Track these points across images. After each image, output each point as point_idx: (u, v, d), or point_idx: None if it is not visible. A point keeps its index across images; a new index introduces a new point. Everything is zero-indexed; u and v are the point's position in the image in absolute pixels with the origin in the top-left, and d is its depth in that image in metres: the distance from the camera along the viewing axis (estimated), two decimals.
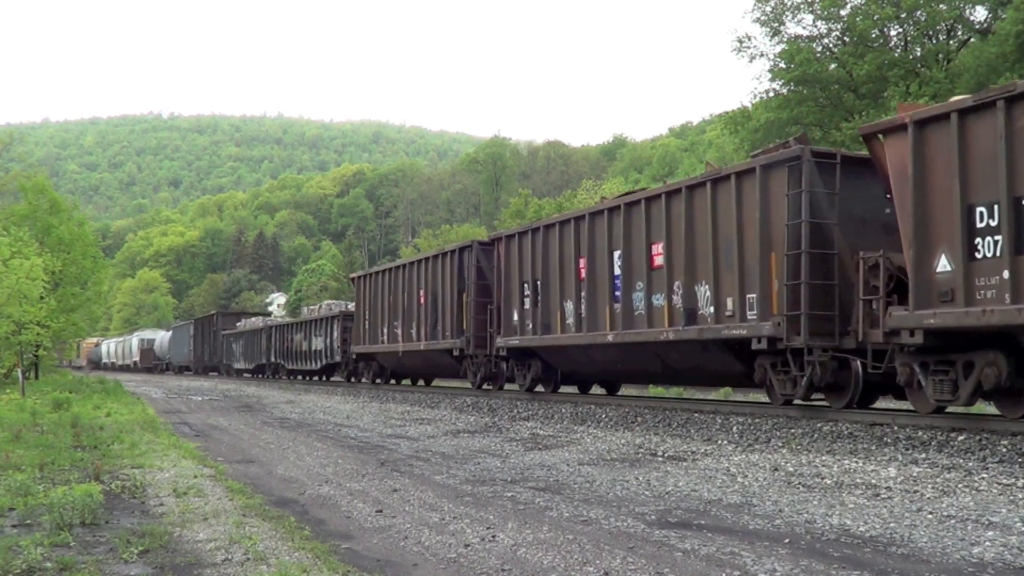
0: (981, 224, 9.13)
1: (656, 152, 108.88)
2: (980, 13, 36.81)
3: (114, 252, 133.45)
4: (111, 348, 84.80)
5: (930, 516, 6.59)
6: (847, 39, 37.95)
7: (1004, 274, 8.89)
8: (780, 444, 10.67)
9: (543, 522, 6.77)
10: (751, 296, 12.06)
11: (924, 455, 9.06)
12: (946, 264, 9.51)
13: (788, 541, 5.94)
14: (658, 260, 13.99)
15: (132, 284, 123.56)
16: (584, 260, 15.94)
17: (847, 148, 19.80)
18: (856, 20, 36.63)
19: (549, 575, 5.27)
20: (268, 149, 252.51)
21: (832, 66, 37.95)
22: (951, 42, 36.95)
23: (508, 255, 18.74)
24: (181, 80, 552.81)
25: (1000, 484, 7.58)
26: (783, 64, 38.01)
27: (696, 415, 13.10)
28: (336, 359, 32.24)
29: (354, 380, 30.96)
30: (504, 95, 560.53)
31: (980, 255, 9.14)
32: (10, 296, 24.63)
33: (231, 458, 11.56)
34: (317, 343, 34.25)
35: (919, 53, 36.96)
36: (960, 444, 9.16)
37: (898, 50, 37.32)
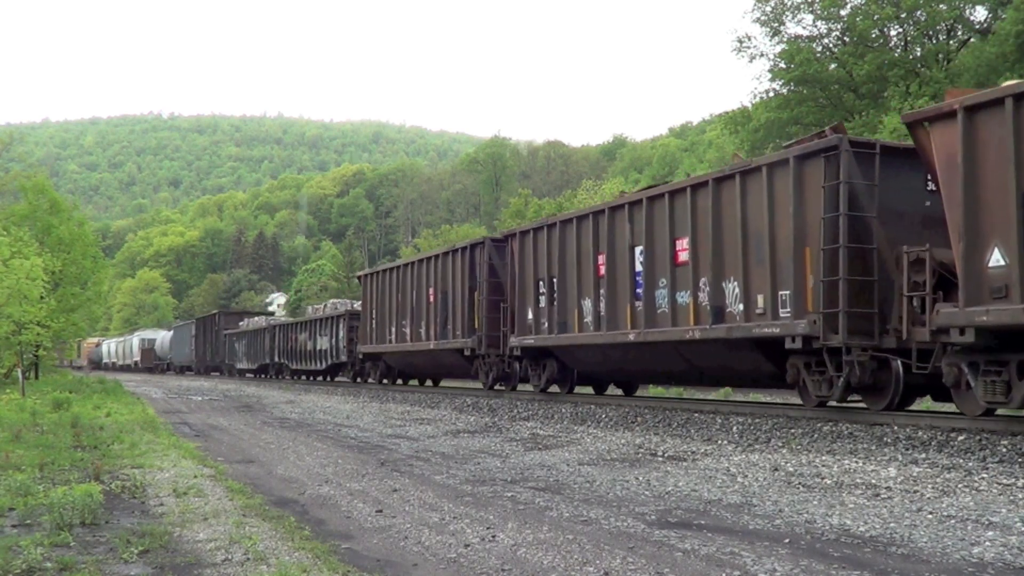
0: None
1: (656, 152, 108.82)
2: (980, 13, 36.89)
3: (114, 252, 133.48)
4: (112, 348, 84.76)
5: (930, 516, 6.59)
6: (847, 39, 37.98)
7: None
8: (780, 444, 10.67)
9: (543, 522, 6.77)
10: (784, 293, 11.58)
11: (924, 455, 9.06)
12: (999, 258, 8.92)
13: (788, 541, 5.94)
14: (683, 256, 13.51)
15: (132, 284, 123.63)
16: (603, 256, 15.47)
17: None
18: (856, 20, 36.67)
19: (549, 575, 5.28)
20: (268, 149, 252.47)
21: (832, 66, 37.99)
22: (951, 42, 36.97)
23: (522, 252, 18.25)
24: (181, 80, 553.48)
25: (1000, 484, 7.58)
26: (783, 64, 38.06)
27: (696, 415, 13.10)
28: (342, 359, 31.93)
29: (360, 380, 30.59)
30: (504, 95, 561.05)
31: None
32: (10, 296, 24.64)
33: (231, 458, 11.56)
34: (322, 343, 33.94)
35: (919, 53, 36.98)
36: (960, 444, 9.16)
37: (898, 50, 37.35)
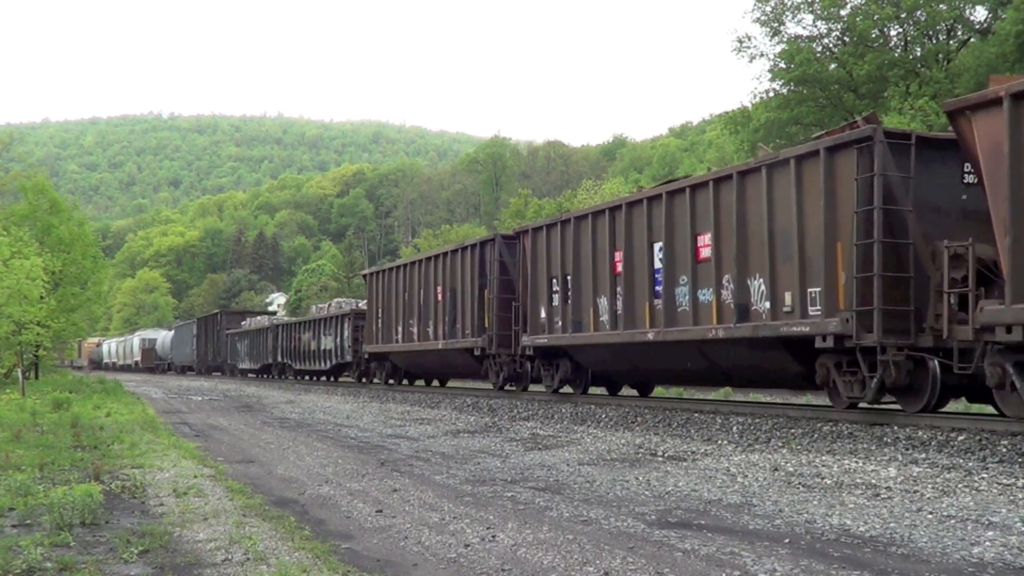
0: None
1: (656, 152, 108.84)
2: (980, 13, 36.89)
3: (114, 252, 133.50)
4: (112, 348, 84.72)
5: (930, 516, 6.59)
6: (847, 39, 37.98)
7: None
8: (780, 444, 10.67)
9: (543, 522, 6.77)
10: (813, 290, 11.15)
11: (924, 455, 9.06)
12: None
13: (788, 541, 5.94)
14: (705, 252, 13.08)
15: (132, 284, 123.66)
16: (620, 253, 15.01)
17: None
18: (856, 20, 36.67)
19: (549, 575, 5.28)
20: (268, 149, 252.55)
21: (832, 66, 37.99)
22: (951, 42, 36.98)
23: (535, 249, 17.73)
24: (181, 80, 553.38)
25: (1000, 484, 7.58)
26: (783, 64, 38.07)
27: (696, 415, 13.10)
28: (347, 359, 31.43)
29: (365, 381, 30.10)
30: (504, 95, 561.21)
31: None
32: (10, 296, 24.65)
33: (231, 458, 11.56)
34: (326, 342, 33.44)
35: (919, 53, 36.99)
36: (960, 444, 9.16)
37: (898, 50, 37.35)
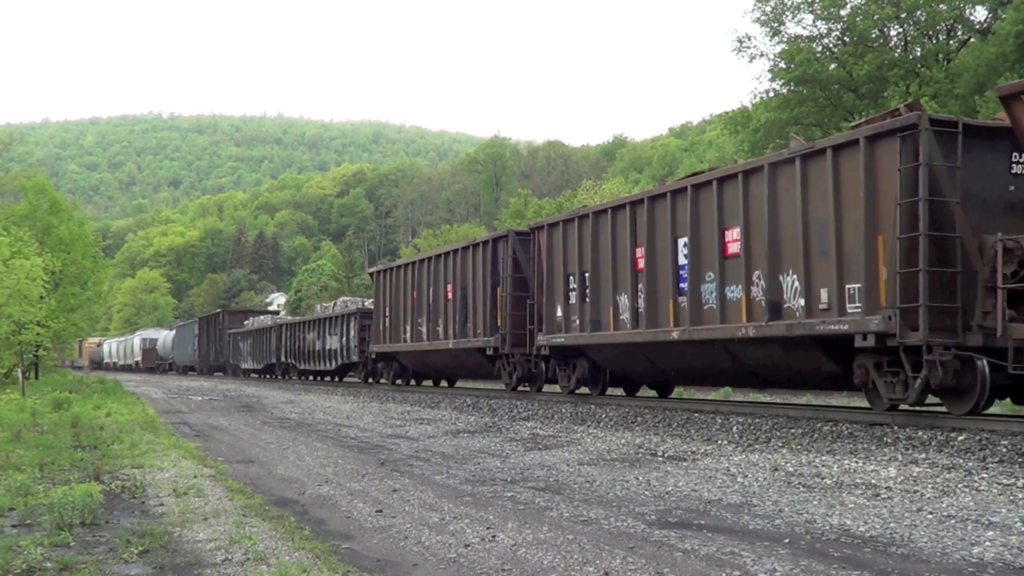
0: None
1: (656, 152, 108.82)
2: (980, 13, 36.86)
3: (114, 252, 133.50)
4: (113, 348, 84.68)
5: (930, 516, 6.59)
6: (847, 39, 37.97)
7: None
8: (780, 444, 10.67)
9: (543, 522, 6.77)
10: (852, 287, 10.68)
11: (924, 455, 9.06)
12: None
13: (788, 541, 5.94)
14: (733, 247, 12.62)
15: (132, 284, 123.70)
16: (642, 249, 14.54)
17: None
18: (856, 20, 36.66)
19: (549, 575, 5.28)
20: (268, 149, 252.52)
21: (832, 66, 37.97)
22: (951, 42, 36.96)
23: (550, 245, 17.22)
24: (181, 80, 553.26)
25: (1000, 484, 7.58)
26: (783, 64, 38.04)
27: (696, 415, 13.10)
28: (353, 359, 30.98)
29: (372, 381, 29.75)
30: (504, 95, 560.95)
31: None
32: (10, 296, 24.65)
33: (231, 458, 11.56)
34: (332, 342, 33.06)
35: (919, 53, 36.97)
36: (960, 444, 9.15)
37: (898, 50, 37.34)
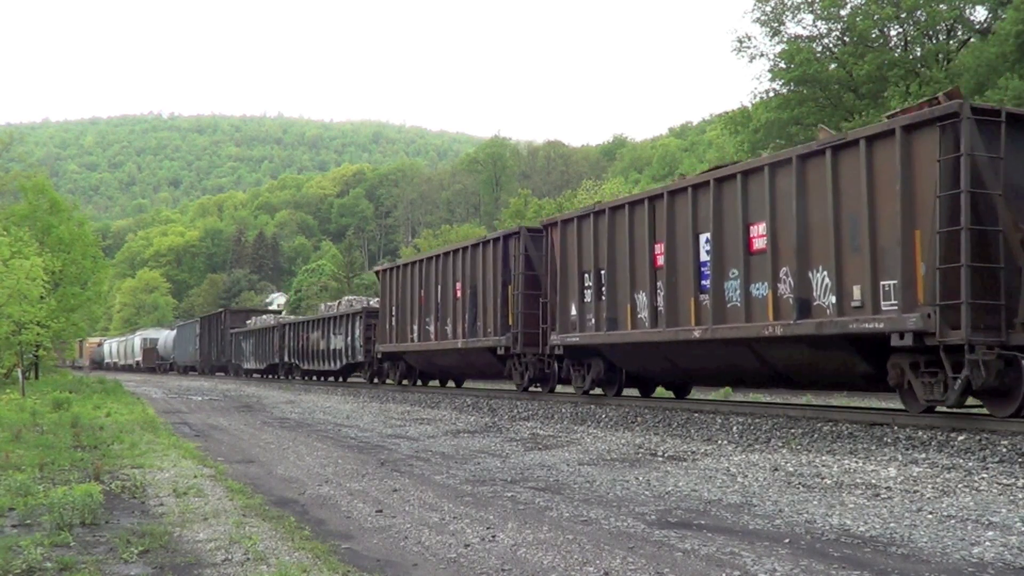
0: None
1: (656, 152, 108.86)
2: (980, 13, 36.84)
3: (114, 252, 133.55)
4: (114, 348, 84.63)
5: (930, 516, 6.59)
6: (847, 39, 37.96)
7: None
8: (780, 444, 10.67)
9: (543, 522, 6.77)
10: (888, 283, 10.29)
11: (924, 455, 9.06)
12: None
13: (788, 541, 5.94)
14: (758, 243, 12.21)
15: (132, 284, 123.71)
16: (661, 245, 14.15)
17: None
18: (856, 20, 36.64)
19: (549, 575, 5.27)
20: (268, 149, 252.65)
21: (832, 66, 37.95)
22: (951, 42, 36.95)
23: (564, 242, 16.78)
24: (181, 80, 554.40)
25: (1000, 484, 7.58)
26: (783, 64, 38.02)
27: (696, 415, 13.10)
28: (358, 359, 30.64)
29: (378, 381, 29.41)
30: (504, 95, 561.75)
31: None
32: (10, 296, 24.65)
33: (231, 458, 11.56)
34: (336, 342, 32.69)
35: (919, 53, 36.95)
36: (960, 444, 9.16)
37: (898, 50, 37.32)
